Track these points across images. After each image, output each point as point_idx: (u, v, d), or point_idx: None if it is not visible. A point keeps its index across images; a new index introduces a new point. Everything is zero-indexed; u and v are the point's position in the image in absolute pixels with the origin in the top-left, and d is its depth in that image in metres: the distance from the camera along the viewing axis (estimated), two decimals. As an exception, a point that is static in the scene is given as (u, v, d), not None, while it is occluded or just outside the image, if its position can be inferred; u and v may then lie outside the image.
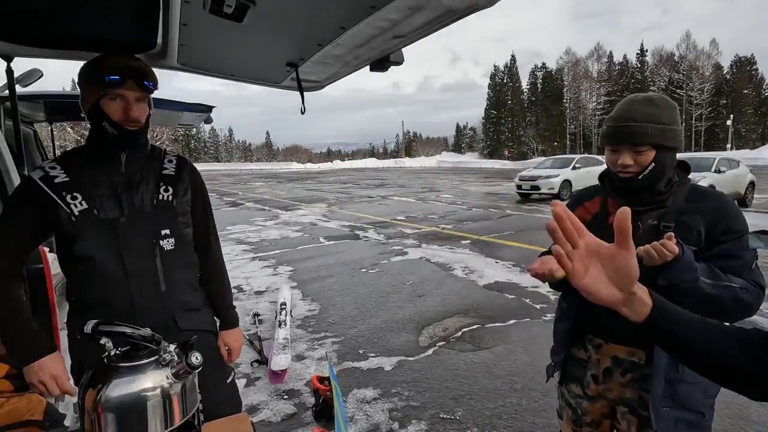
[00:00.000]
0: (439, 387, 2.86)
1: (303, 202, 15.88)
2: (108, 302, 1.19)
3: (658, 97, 1.23)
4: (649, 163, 1.18)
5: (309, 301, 4.67)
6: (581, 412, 1.41)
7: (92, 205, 1.18)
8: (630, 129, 1.18)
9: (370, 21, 1.18)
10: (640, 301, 0.62)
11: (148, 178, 1.28)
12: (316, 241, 8.11)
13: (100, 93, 1.16)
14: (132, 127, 1.20)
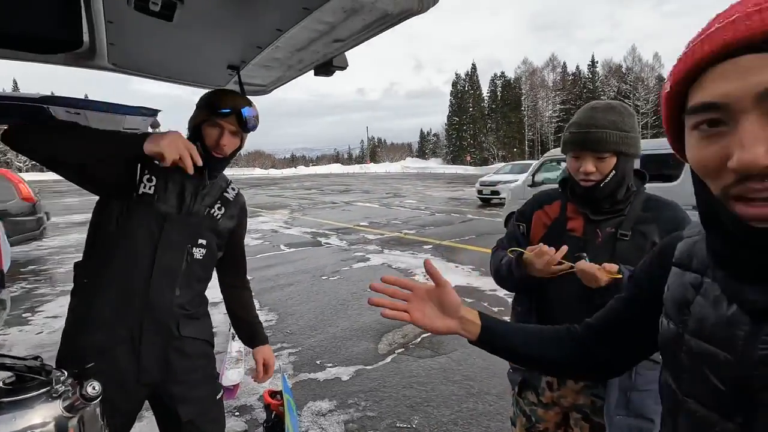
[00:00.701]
0: (397, 395, 2.83)
1: (264, 208, 15.52)
2: (124, 288, 1.22)
3: (618, 105, 1.25)
4: (611, 170, 1.20)
5: (266, 311, 4.53)
6: (535, 420, 1.41)
7: (157, 192, 1.26)
8: (593, 135, 1.19)
9: (307, 24, 1.15)
10: (470, 323, 0.77)
11: (212, 195, 1.40)
12: (277, 249, 7.93)
13: (206, 118, 1.30)
14: (218, 154, 1.32)
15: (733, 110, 0.41)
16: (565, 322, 1.30)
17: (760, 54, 0.40)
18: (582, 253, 1.20)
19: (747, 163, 0.40)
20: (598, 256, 1.22)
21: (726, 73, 0.42)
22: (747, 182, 0.41)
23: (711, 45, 0.42)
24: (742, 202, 0.42)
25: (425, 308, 0.78)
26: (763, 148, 0.39)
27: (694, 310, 0.55)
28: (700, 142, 0.45)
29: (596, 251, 1.23)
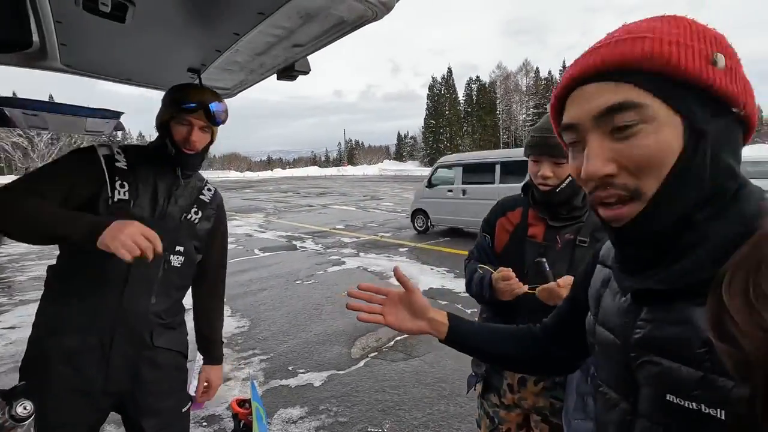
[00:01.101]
0: (369, 400, 2.82)
1: (239, 212, 15.25)
2: (98, 298, 1.17)
3: None
4: (567, 176, 1.23)
5: (238, 318, 4.44)
6: (498, 421, 1.43)
7: (132, 197, 1.22)
8: (551, 141, 1.22)
9: (264, 28, 1.14)
10: (439, 323, 0.85)
11: (186, 197, 1.36)
12: (250, 253, 7.80)
13: (173, 115, 1.26)
14: (189, 150, 1.28)
15: (581, 130, 0.50)
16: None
17: (598, 83, 0.48)
18: (542, 258, 1.23)
19: (589, 174, 0.48)
20: (557, 262, 1.25)
21: (576, 99, 0.51)
22: (598, 189, 0.49)
23: (564, 77, 0.52)
24: (601, 207, 0.51)
25: (398, 311, 0.86)
26: (600, 161, 0.48)
27: (603, 302, 0.61)
28: (572, 158, 0.54)
29: (555, 257, 1.26)
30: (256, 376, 3.18)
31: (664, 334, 0.49)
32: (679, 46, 0.46)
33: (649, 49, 0.46)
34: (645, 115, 0.46)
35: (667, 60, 0.46)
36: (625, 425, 0.54)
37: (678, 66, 0.46)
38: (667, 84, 0.46)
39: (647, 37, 0.47)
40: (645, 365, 0.50)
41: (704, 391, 0.44)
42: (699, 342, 0.45)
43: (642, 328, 0.51)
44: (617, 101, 0.46)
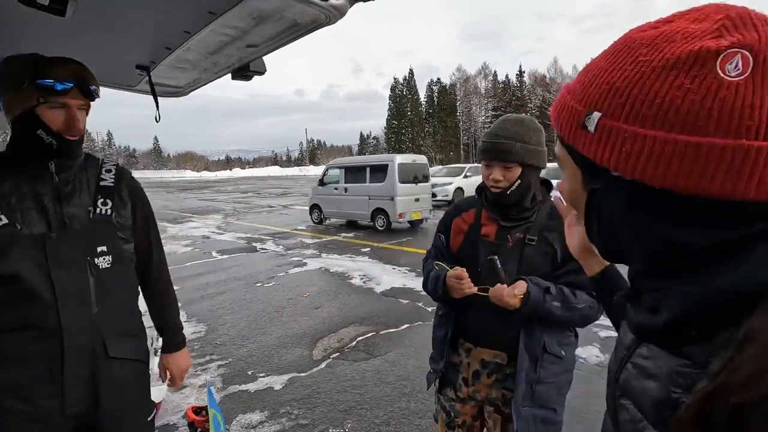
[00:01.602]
0: (331, 401, 2.82)
1: (195, 213, 14.72)
2: (33, 324, 1.06)
3: (528, 120, 1.35)
4: (516, 179, 1.30)
5: (194, 323, 4.29)
6: (454, 415, 1.48)
7: (14, 219, 1.05)
8: (500, 146, 1.28)
9: (216, 28, 1.12)
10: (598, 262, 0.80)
11: (82, 190, 1.17)
12: (208, 256, 7.55)
13: (39, 99, 1.04)
14: (72, 136, 1.10)
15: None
16: (479, 328, 1.40)
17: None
18: (494, 256, 1.29)
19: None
20: (508, 260, 1.32)
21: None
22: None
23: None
24: None
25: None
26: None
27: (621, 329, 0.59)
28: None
29: (506, 255, 1.33)
30: (213, 382, 3.09)
31: (641, 386, 0.45)
32: (561, 110, 0.48)
33: (551, 114, 0.51)
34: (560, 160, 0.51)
35: (555, 124, 0.50)
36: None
37: (560, 131, 0.49)
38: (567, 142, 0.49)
39: (559, 99, 0.50)
40: (621, 408, 0.50)
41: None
42: (668, 404, 0.40)
43: (627, 370, 0.50)
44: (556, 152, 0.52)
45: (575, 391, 1.03)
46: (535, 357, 1.30)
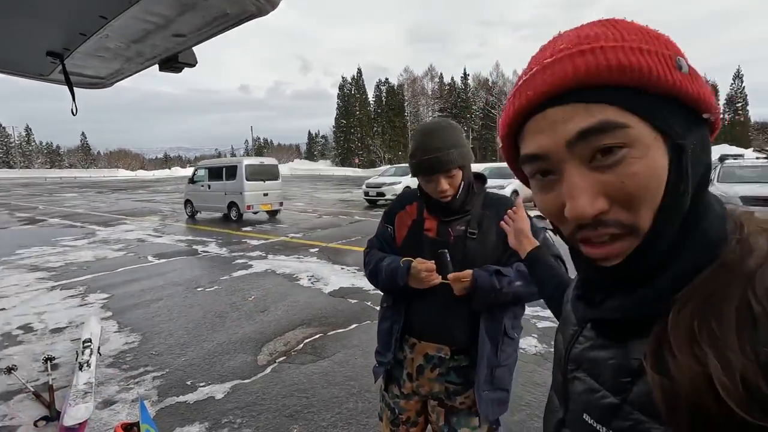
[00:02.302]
0: (276, 406, 2.74)
1: (129, 215, 13.74)
2: None
3: (445, 123, 1.34)
4: (460, 182, 1.32)
5: (127, 333, 3.99)
6: (398, 411, 1.48)
7: None
8: (438, 159, 1.26)
9: (136, 14, 1.04)
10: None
11: None
12: (143, 261, 7.06)
13: None
14: None
15: (554, 160, 0.42)
16: (423, 323, 1.41)
17: (562, 105, 0.41)
18: (444, 249, 1.31)
19: (577, 215, 0.41)
20: (452, 252, 1.34)
21: (539, 127, 0.43)
22: (584, 230, 0.42)
23: (520, 101, 0.44)
24: (587, 244, 0.44)
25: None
26: (588, 198, 0.40)
27: (564, 310, 0.62)
28: (539, 190, 0.46)
29: (451, 248, 1.35)
30: (148, 395, 2.89)
31: (596, 356, 0.48)
32: (645, 53, 0.40)
33: (616, 60, 0.39)
34: (628, 138, 0.39)
35: (638, 70, 0.39)
36: (556, 430, 0.55)
37: (651, 76, 0.39)
38: (643, 98, 0.40)
39: (608, 46, 0.40)
40: (574, 380, 0.51)
41: (615, 419, 0.43)
42: (625, 371, 0.44)
43: (580, 344, 0.51)
44: (594, 123, 0.39)
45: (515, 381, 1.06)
46: (496, 341, 1.33)
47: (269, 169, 12.05)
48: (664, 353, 0.38)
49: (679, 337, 0.37)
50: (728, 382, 0.33)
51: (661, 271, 0.42)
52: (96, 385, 2.92)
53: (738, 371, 0.33)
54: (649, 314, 0.42)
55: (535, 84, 0.42)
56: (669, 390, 0.37)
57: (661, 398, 0.37)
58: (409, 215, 1.46)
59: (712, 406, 0.33)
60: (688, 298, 0.39)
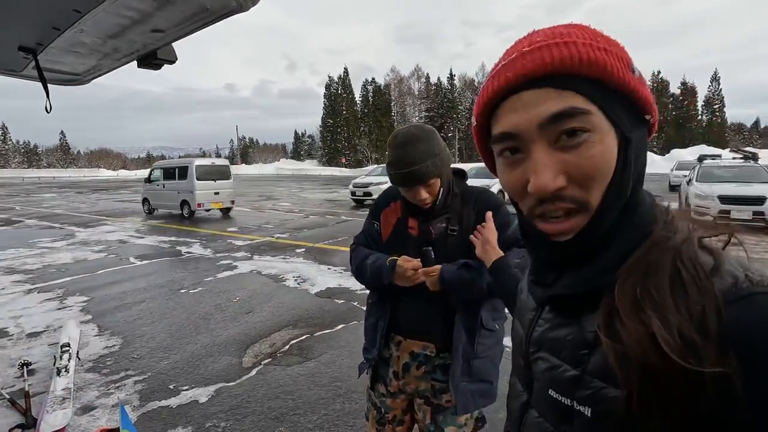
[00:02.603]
0: (261, 409, 2.70)
1: (111, 216, 13.45)
2: None
3: (419, 131, 1.30)
4: (439, 188, 1.32)
5: (107, 336, 3.90)
6: (384, 410, 1.47)
7: None
8: (415, 173, 1.25)
9: (112, 8, 1.01)
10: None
11: None
12: (125, 262, 6.91)
13: None
14: None
15: (524, 139, 0.47)
16: (409, 320, 1.41)
17: (537, 89, 0.45)
18: (428, 247, 1.31)
19: (539, 188, 0.45)
20: (435, 250, 1.33)
21: (514, 107, 0.47)
22: (544, 204, 0.47)
23: (499, 81, 0.48)
24: (543, 220, 0.48)
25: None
26: (550, 174, 0.45)
27: (520, 297, 0.65)
28: (506, 168, 0.50)
29: (434, 245, 1.35)
30: (129, 400, 2.82)
31: (555, 335, 0.52)
32: (608, 53, 0.45)
33: (586, 55, 0.45)
34: (590, 124, 0.45)
35: (602, 67, 0.45)
36: (521, 414, 0.58)
37: (612, 73, 0.45)
38: (603, 92, 0.46)
39: (579, 42, 0.45)
40: (538, 361, 0.54)
41: (578, 389, 0.47)
42: (583, 344, 0.48)
43: (540, 326, 0.55)
44: (565, 108, 0.44)
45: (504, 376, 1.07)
46: (472, 333, 1.33)
47: (220, 169, 12.76)
48: (614, 322, 0.43)
49: (625, 305, 0.43)
50: (669, 338, 0.39)
51: (605, 249, 0.48)
52: (75, 390, 2.84)
53: (676, 327, 0.39)
54: (596, 288, 0.47)
55: (515, 67, 0.46)
56: (621, 354, 0.41)
57: (615, 362, 0.42)
58: (394, 212, 1.46)
59: (657, 362, 0.39)
60: (630, 271, 0.45)
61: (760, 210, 8.30)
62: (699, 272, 0.43)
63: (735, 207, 8.50)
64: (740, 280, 0.42)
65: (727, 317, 0.39)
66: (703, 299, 0.41)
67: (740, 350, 0.38)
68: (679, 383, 0.39)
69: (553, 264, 0.52)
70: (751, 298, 0.41)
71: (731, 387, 0.37)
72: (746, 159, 10.95)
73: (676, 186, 16.26)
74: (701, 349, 0.38)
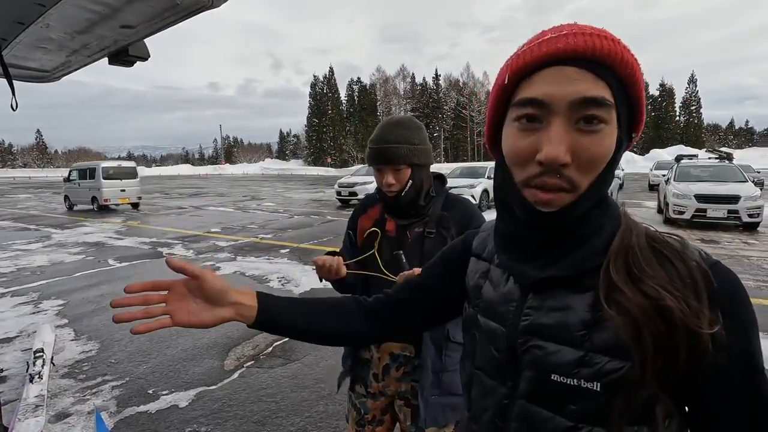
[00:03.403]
0: (244, 412, 2.66)
1: (89, 217, 13.11)
2: None
3: (407, 120, 1.35)
4: (407, 179, 1.31)
5: (84, 341, 3.79)
6: (364, 411, 1.46)
7: None
8: (387, 151, 1.28)
9: (78, 2, 0.97)
10: (246, 307, 0.70)
11: None
12: (104, 265, 6.74)
13: None
14: None
15: (550, 110, 0.49)
16: None
17: (578, 69, 0.48)
18: (399, 251, 1.29)
19: (551, 158, 0.47)
20: (410, 253, 1.33)
21: (552, 77, 0.49)
22: (544, 176, 0.49)
23: (548, 48, 0.49)
24: (537, 189, 0.50)
25: (189, 305, 0.67)
26: (564, 147, 0.47)
27: (484, 293, 0.64)
28: (518, 133, 0.52)
29: (408, 249, 1.34)
30: (105, 406, 2.75)
31: (549, 320, 0.53)
32: (637, 63, 0.49)
33: (627, 56, 0.48)
34: (609, 116, 0.48)
35: (633, 71, 0.49)
36: (501, 409, 0.57)
37: (637, 81, 0.49)
38: (624, 95, 0.50)
39: (621, 43, 0.49)
40: (531, 350, 0.54)
41: (584, 368, 0.49)
42: (579, 325, 0.51)
43: (529, 316, 0.55)
44: (598, 95, 0.47)
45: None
46: (439, 346, 1.33)
47: (126, 170, 15.11)
48: (616, 296, 0.47)
49: (623, 281, 0.48)
50: (679, 306, 0.45)
51: (596, 235, 0.53)
52: (48, 397, 2.75)
53: (681, 297, 0.45)
54: (586, 270, 0.52)
55: (567, 42, 0.48)
56: (631, 325, 0.46)
57: (627, 334, 0.46)
58: (371, 218, 1.46)
59: (663, 328, 0.45)
60: (617, 252, 0.51)
61: (734, 208, 8.55)
62: (676, 249, 0.50)
63: (711, 206, 8.73)
64: (701, 254, 0.50)
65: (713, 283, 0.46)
66: (690, 271, 0.47)
67: (722, 309, 0.45)
68: (684, 347, 0.44)
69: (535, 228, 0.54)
70: (718, 266, 0.49)
71: (722, 343, 0.44)
72: (721, 159, 11.27)
73: (655, 185, 16.63)
74: (701, 314, 0.44)
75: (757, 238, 8.02)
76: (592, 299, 0.51)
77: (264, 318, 0.70)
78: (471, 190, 12.25)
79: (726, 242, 7.65)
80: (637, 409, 0.47)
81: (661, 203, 10.68)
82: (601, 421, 0.49)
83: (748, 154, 46.02)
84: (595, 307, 0.50)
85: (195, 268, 0.66)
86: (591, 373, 0.49)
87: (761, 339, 0.49)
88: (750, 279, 5.34)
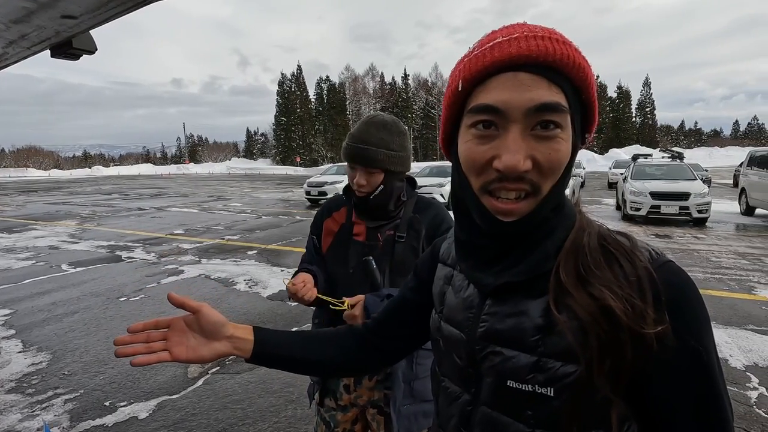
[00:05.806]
0: (208, 421, 2.57)
1: (40, 219, 12.36)
2: None
3: (392, 123, 1.30)
4: (379, 184, 1.28)
5: (33, 352, 3.56)
6: (334, 425, 1.42)
7: None
8: (364, 152, 1.24)
9: (10, -12, 0.89)
10: (242, 340, 0.71)
11: None
12: (56, 270, 6.36)
13: None
14: None
15: (506, 117, 0.48)
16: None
17: (532, 75, 0.47)
18: (369, 257, 1.27)
19: (511, 166, 0.47)
20: (380, 258, 1.30)
21: (507, 84, 0.48)
22: (504, 181, 0.49)
23: (500, 53, 0.48)
24: (494, 198, 0.50)
25: (187, 340, 0.69)
26: (522, 155, 0.47)
27: (447, 299, 0.63)
28: (474, 140, 0.51)
29: (379, 254, 1.32)
30: (57, 421, 2.58)
31: (505, 326, 0.53)
32: (589, 66, 0.49)
33: (579, 61, 0.48)
34: (564, 122, 0.48)
35: (586, 76, 0.49)
36: (465, 415, 0.56)
37: (590, 85, 0.49)
38: (578, 100, 0.50)
39: (573, 47, 0.48)
40: (488, 356, 0.54)
41: (537, 374, 0.49)
42: (532, 330, 0.50)
43: (486, 322, 0.55)
44: (554, 101, 0.47)
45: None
46: (410, 356, 1.31)
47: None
48: (565, 300, 0.47)
49: (572, 284, 0.48)
50: (623, 307, 0.44)
51: (547, 237, 0.53)
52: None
53: (625, 298, 0.45)
54: (539, 274, 0.51)
55: (519, 46, 0.47)
56: (578, 329, 0.46)
57: (574, 338, 0.46)
58: (337, 222, 1.42)
59: (609, 329, 0.44)
60: (568, 254, 0.50)
61: (685, 205, 9.07)
62: (625, 249, 0.50)
63: (664, 202, 9.22)
64: (652, 253, 0.50)
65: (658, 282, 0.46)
66: (636, 270, 0.47)
67: (669, 308, 0.45)
68: (630, 347, 0.44)
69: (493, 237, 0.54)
70: (668, 265, 0.49)
71: (666, 342, 0.44)
72: (673, 158, 11.92)
73: (614, 183, 17.39)
74: (646, 313, 0.44)
75: (706, 232, 8.53)
76: (546, 303, 0.50)
77: (260, 350, 0.71)
78: (440, 189, 12.38)
79: (678, 237, 8.10)
80: (592, 414, 0.47)
81: (620, 200, 11.17)
82: (558, 426, 0.48)
83: (696, 153, 48.97)
84: (548, 312, 0.50)
85: (194, 302, 0.68)
86: (545, 378, 0.49)
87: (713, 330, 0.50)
88: (699, 271, 5.66)
